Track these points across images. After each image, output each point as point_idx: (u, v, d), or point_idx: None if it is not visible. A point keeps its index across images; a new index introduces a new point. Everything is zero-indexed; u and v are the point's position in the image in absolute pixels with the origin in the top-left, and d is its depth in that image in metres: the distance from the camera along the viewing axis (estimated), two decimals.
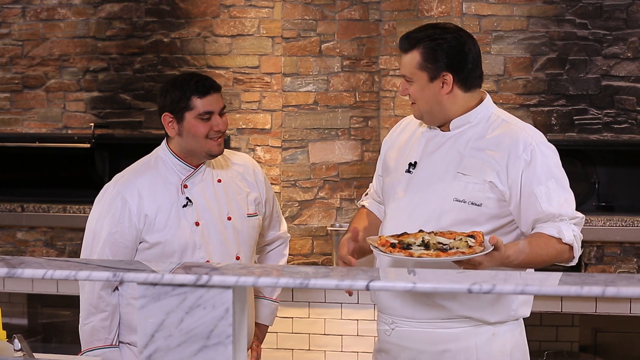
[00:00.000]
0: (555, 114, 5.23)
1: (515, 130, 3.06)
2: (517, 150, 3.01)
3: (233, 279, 2.26)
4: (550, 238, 2.97)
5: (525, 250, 2.94)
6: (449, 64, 3.03)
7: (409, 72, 3.05)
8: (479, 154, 3.04)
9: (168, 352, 2.30)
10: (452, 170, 3.04)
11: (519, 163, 3.00)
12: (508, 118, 3.13)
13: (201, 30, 5.50)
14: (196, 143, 3.35)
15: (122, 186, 3.38)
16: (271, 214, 3.67)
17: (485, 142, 3.05)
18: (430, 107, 3.06)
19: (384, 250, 2.87)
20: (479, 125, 3.09)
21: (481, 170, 3.01)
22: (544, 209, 2.99)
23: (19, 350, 3.12)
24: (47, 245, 5.72)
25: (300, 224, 5.45)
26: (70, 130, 5.76)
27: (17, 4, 5.80)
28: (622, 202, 5.46)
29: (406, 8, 5.38)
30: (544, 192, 2.99)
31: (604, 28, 5.20)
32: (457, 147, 3.07)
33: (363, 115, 5.56)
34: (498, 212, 3.03)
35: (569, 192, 3.05)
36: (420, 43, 3.02)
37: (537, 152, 3.02)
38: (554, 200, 3.00)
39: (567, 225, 2.99)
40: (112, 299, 3.37)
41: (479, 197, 3.00)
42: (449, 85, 3.03)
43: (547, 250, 2.97)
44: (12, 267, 2.36)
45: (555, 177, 3.03)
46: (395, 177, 3.16)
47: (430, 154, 3.11)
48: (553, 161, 3.06)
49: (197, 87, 3.33)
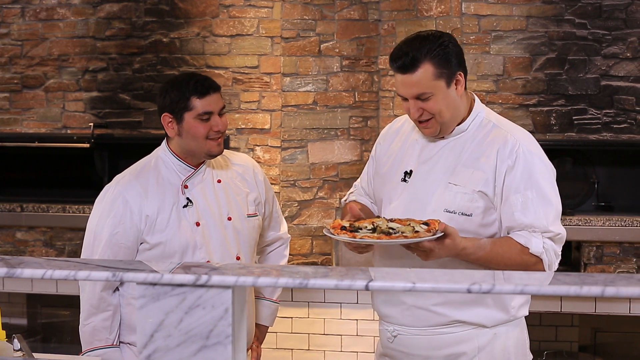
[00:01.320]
0: (555, 114, 5.23)
1: (504, 135, 3.04)
2: (504, 155, 2.99)
3: (232, 279, 2.26)
4: (516, 244, 2.95)
5: (485, 247, 2.92)
6: (458, 63, 3.02)
7: (426, 88, 2.97)
8: (470, 162, 3.03)
9: (167, 352, 2.30)
10: (444, 180, 3.04)
11: (502, 168, 2.98)
12: (498, 121, 3.11)
13: (200, 30, 5.50)
14: (196, 143, 3.34)
15: (123, 187, 3.38)
16: (271, 215, 3.67)
17: (477, 150, 3.04)
18: (451, 113, 3.02)
19: (333, 232, 2.89)
20: (472, 132, 3.07)
21: (471, 180, 3.00)
22: (517, 217, 2.96)
23: (19, 350, 3.12)
24: (47, 245, 5.71)
25: (299, 224, 5.45)
26: (69, 130, 5.76)
27: (16, 4, 5.80)
28: (621, 202, 5.46)
29: (405, 8, 5.38)
30: (520, 201, 2.96)
31: (603, 28, 5.20)
32: (450, 156, 3.06)
33: (362, 115, 5.56)
34: (488, 221, 3.02)
35: (551, 205, 3.00)
36: (427, 55, 2.96)
37: (521, 159, 2.98)
38: (530, 211, 2.96)
39: (538, 237, 2.96)
40: (112, 299, 3.36)
41: (468, 207, 3.00)
42: (462, 84, 3.02)
43: (509, 254, 2.94)
44: (12, 267, 2.36)
45: (537, 187, 2.98)
46: (390, 184, 3.16)
47: (424, 163, 3.10)
48: (538, 169, 3.01)
49: (196, 87, 3.32)
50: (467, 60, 5.27)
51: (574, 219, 5.15)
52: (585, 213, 5.33)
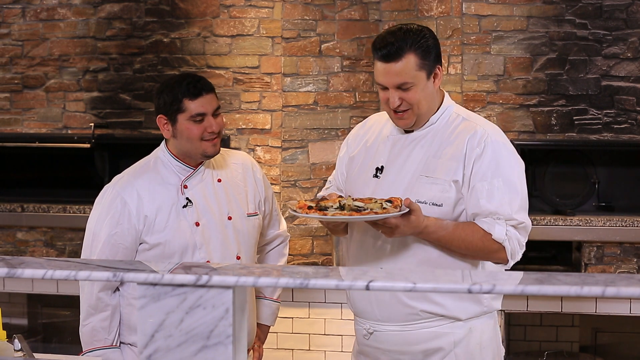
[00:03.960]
0: (555, 114, 5.23)
1: (474, 126, 3.09)
2: (473, 144, 3.04)
3: (233, 279, 2.26)
4: (479, 229, 2.99)
5: (447, 228, 2.97)
6: (437, 56, 3.08)
7: (409, 77, 3.03)
8: (441, 154, 3.07)
9: (168, 352, 2.29)
10: (416, 173, 3.08)
11: (472, 155, 3.03)
12: (468, 116, 3.16)
13: (201, 31, 5.50)
14: (190, 145, 3.34)
15: (121, 187, 3.38)
16: (270, 213, 3.67)
17: (447, 141, 3.08)
18: (428, 105, 3.09)
19: (301, 212, 2.93)
20: (441, 125, 3.12)
21: (443, 171, 3.04)
22: (482, 204, 3.00)
23: (19, 350, 3.12)
24: (47, 246, 5.71)
25: (300, 224, 5.45)
26: (70, 130, 5.76)
27: (17, 4, 5.80)
28: (622, 202, 5.46)
29: (406, 8, 5.38)
30: (485, 188, 3.00)
31: (603, 28, 5.20)
32: (420, 149, 3.11)
33: (363, 115, 5.56)
34: (458, 211, 3.05)
35: (517, 194, 3.03)
36: (412, 45, 3.02)
37: (489, 148, 3.03)
38: (495, 198, 3.00)
39: (501, 224, 2.99)
40: (111, 300, 3.36)
41: (439, 198, 3.03)
42: (440, 78, 3.09)
43: (471, 238, 2.98)
44: (12, 267, 2.36)
45: (504, 176, 3.02)
46: (361, 180, 3.20)
47: (395, 158, 3.14)
48: (506, 159, 3.05)
49: (188, 89, 3.31)
50: (468, 60, 5.28)
51: (574, 219, 5.15)
52: (586, 213, 5.33)
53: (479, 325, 3.11)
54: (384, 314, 3.11)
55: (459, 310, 3.08)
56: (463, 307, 3.07)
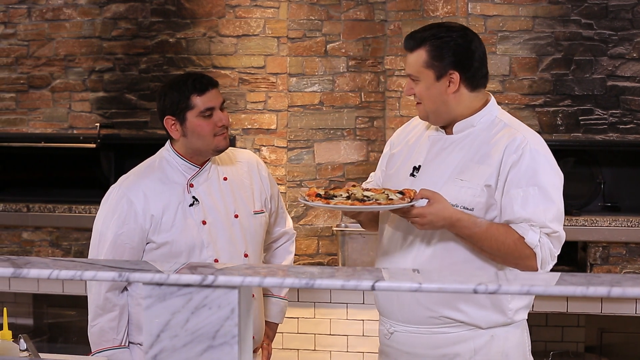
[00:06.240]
0: (561, 114, 5.22)
1: (514, 133, 3.05)
2: (510, 150, 3.00)
3: (239, 279, 2.26)
4: (514, 233, 2.95)
5: (481, 225, 2.94)
6: (456, 62, 3.02)
7: (415, 71, 3.04)
8: (478, 158, 3.04)
9: (174, 352, 2.30)
10: (452, 175, 3.05)
11: (508, 161, 2.99)
12: (510, 122, 3.12)
13: (207, 31, 5.50)
14: (202, 142, 3.35)
15: (127, 187, 3.38)
16: (277, 210, 3.67)
17: (486, 146, 3.04)
18: (436, 106, 3.06)
19: (308, 199, 2.94)
20: (482, 130, 3.08)
21: (478, 175, 3.01)
22: (516, 211, 2.96)
23: (25, 350, 3.12)
24: (53, 246, 5.72)
25: (305, 224, 5.46)
26: (75, 130, 5.77)
27: (22, 4, 5.81)
28: (627, 202, 5.46)
29: (412, 8, 5.38)
30: (520, 195, 2.96)
31: (609, 28, 5.20)
32: (458, 152, 3.08)
33: (369, 115, 5.56)
34: (489, 217, 3.01)
35: (552, 204, 2.98)
36: (426, 41, 3.02)
37: (527, 155, 2.99)
38: (530, 205, 2.95)
39: (535, 230, 2.95)
40: (119, 300, 3.37)
41: (470, 202, 3.00)
42: (456, 84, 3.03)
43: (504, 239, 2.94)
44: (18, 267, 2.36)
45: (540, 185, 2.97)
46: (398, 179, 3.17)
47: (433, 159, 3.12)
48: (543, 168, 3.00)
49: (194, 85, 3.33)
50: None
51: (580, 219, 5.14)
52: (592, 213, 5.33)
53: (503, 334, 3.07)
54: (405, 315, 3.10)
55: (480, 319, 3.04)
56: (486, 315, 3.04)
